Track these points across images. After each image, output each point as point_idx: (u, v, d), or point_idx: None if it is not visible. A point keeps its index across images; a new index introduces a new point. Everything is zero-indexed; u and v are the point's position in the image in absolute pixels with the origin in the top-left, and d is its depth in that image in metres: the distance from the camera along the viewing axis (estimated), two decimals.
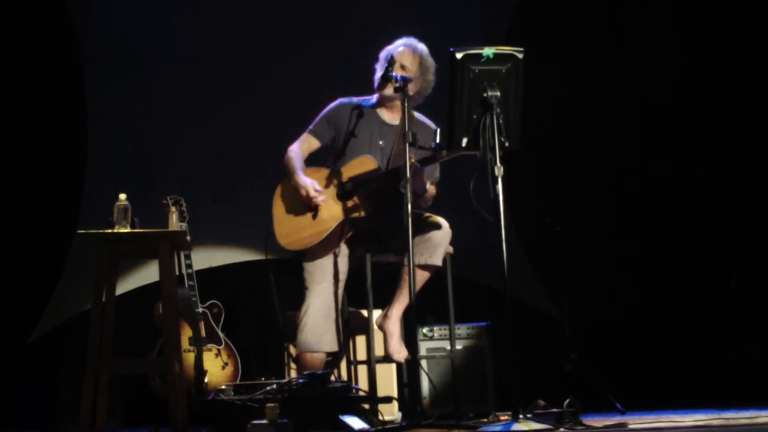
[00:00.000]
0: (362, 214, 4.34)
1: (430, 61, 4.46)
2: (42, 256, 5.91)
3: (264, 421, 3.57)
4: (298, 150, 4.48)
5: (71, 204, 5.98)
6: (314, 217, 4.35)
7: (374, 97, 4.56)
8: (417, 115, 4.48)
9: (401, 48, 4.45)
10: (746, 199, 6.20)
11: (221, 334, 5.49)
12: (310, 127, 4.56)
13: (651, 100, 6.39)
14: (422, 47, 4.48)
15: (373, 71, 4.50)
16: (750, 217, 6.18)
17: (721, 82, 6.26)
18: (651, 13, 6.40)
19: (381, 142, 4.47)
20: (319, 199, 4.31)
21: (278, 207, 4.43)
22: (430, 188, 4.45)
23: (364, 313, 4.45)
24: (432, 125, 4.53)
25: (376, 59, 4.51)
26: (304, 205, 4.37)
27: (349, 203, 4.35)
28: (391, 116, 4.53)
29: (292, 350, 4.79)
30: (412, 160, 4.04)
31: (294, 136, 4.57)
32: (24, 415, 5.65)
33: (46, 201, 5.99)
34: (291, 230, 4.37)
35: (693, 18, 6.32)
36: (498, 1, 6.56)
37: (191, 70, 6.19)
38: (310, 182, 4.34)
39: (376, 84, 4.46)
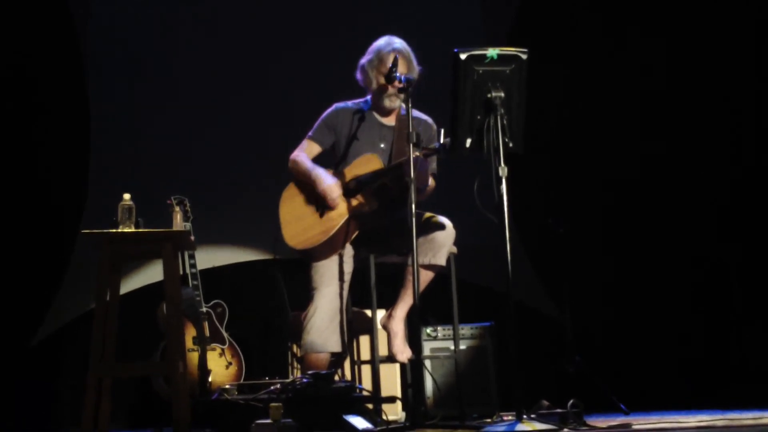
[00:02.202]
0: (369, 209, 4.36)
1: (412, 53, 4.49)
2: (45, 257, 5.91)
3: (268, 421, 3.57)
4: (304, 154, 4.49)
5: (74, 204, 5.98)
6: (321, 215, 4.36)
7: (368, 101, 4.57)
8: (413, 111, 4.47)
9: (388, 49, 4.45)
10: (748, 201, 6.19)
11: (225, 334, 5.50)
12: (310, 133, 4.57)
13: (652, 101, 6.38)
14: (404, 42, 4.51)
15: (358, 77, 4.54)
16: (751, 219, 6.17)
17: (723, 84, 6.25)
18: (652, 12, 6.40)
19: (382, 145, 4.49)
20: (333, 204, 4.33)
21: (285, 209, 4.44)
22: (431, 182, 4.47)
23: (368, 313, 4.45)
24: (428, 119, 4.57)
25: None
26: (311, 205, 4.39)
27: (355, 201, 4.37)
28: (388, 118, 4.55)
29: (296, 350, 4.79)
30: (416, 154, 4.05)
31: (298, 136, 4.58)
32: (25, 416, 5.65)
33: (49, 201, 5.99)
34: (299, 230, 4.38)
35: (694, 18, 6.31)
36: (498, 3, 6.56)
37: (194, 69, 6.20)
38: (332, 182, 4.35)
39: (369, 87, 4.49)
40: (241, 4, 6.32)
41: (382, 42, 4.52)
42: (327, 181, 4.36)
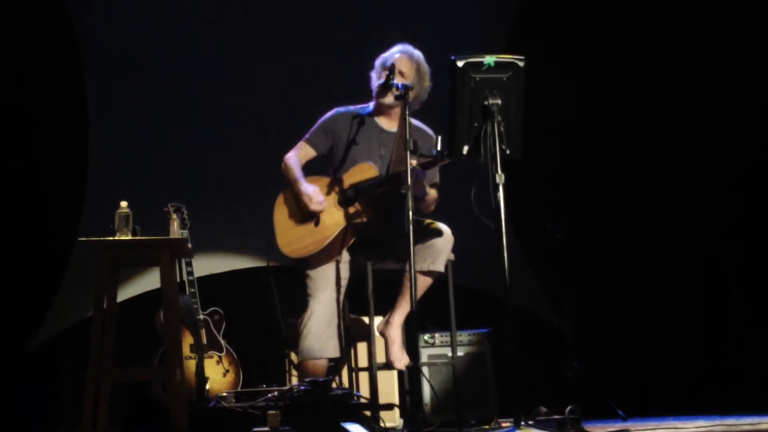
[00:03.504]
0: (365, 219, 4.34)
1: (426, 67, 4.48)
2: (43, 264, 5.91)
3: (265, 429, 3.57)
4: (296, 158, 4.48)
5: (72, 211, 5.98)
6: (316, 224, 4.35)
7: (371, 105, 4.56)
8: (413, 121, 4.47)
9: (398, 54, 4.45)
10: (747, 204, 6.19)
11: (222, 341, 5.49)
12: (307, 136, 4.55)
13: (653, 104, 6.38)
14: (418, 53, 4.49)
15: (368, 78, 4.52)
16: (752, 222, 6.17)
17: (725, 87, 6.24)
18: (652, 13, 6.40)
19: (382, 151, 4.47)
20: (320, 207, 4.32)
21: (279, 216, 4.43)
22: (432, 192, 4.45)
23: (366, 320, 4.45)
24: (428, 130, 4.54)
25: (372, 66, 4.53)
26: (305, 213, 4.37)
27: (352, 209, 4.35)
28: (388, 123, 4.54)
29: (294, 357, 4.79)
30: (414, 164, 4.05)
31: (296, 143, 4.57)
32: (24, 419, 5.66)
33: (47, 208, 5.99)
34: (293, 238, 4.36)
35: (694, 19, 6.30)
36: (497, 6, 6.56)
37: (193, 75, 6.20)
38: (312, 190, 4.34)
39: (374, 92, 4.47)
40: (239, 9, 6.32)
41: (395, 48, 4.50)
42: (308, 191, 4.33)
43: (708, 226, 6.24)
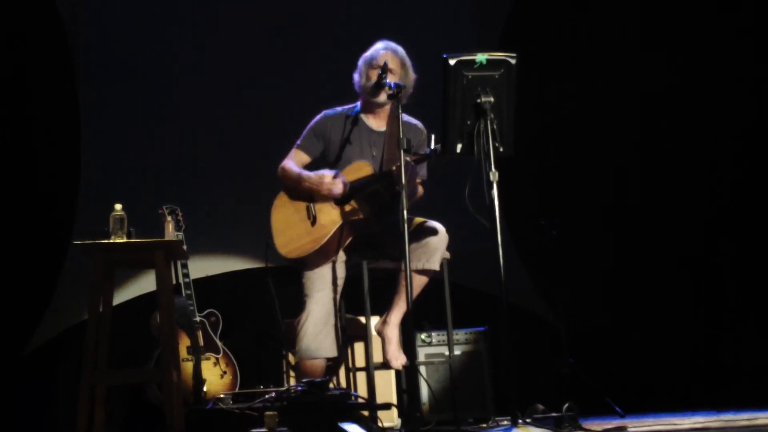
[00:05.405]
0: (361, 217, 4.35)
1: (408, 60, 4.49)
2: (37, 268, 5.91)
3: (263, 430, 3.57)
4: (293, 164, 4.48)
5: (66, 214, 5.97)
6: (313, 223, 4.35)
7: (358, 105, 4.56)
8: (402, 115, 4.46)
9: (383, 52, 4.45)
10: (742, 203, 6.20)
11: (219, 343, 5.49)
12: (298, 142, 4.55)
13: (650, 103, 6.38)
14: (401, 48, 4.50)
15: (352, 79, 4.52)
16: (746, 220, 6.18)
17: (722, 86, 6.24)
18: (649, 14, 6.40)
19: (374, 152, 4.47)
20: (340, 189, 4.30)
21: (277, 218, 4.42)
22: (419, 188, 4.47)
23: (362, 319, 4.45)
24: (419, 124, 4.55)
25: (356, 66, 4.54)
26: (302, 213, 4.38)
27: (348, 207, 4.35)
28: (377, 123, 4.53)
29: (291, 358, 4.79)
30: (407, 159, 4.05)
31: (290, 144, 4.57)
32: (21, 423, 5.66)
33: (41, 211, 5.99)
34: (291, 239, 4.36)
35: (693, 17, 6.31)
36: (490, 6, 6.57)
37: (187, 79, 6.20)
38: (327, 170, 4.34)
39: (362, 91, 4.47)
40: (237, 11, 6.31)
41: (378, 45, 4.51)
42: (317, 172, 4.34)
43: (704, 223, 6.24)
